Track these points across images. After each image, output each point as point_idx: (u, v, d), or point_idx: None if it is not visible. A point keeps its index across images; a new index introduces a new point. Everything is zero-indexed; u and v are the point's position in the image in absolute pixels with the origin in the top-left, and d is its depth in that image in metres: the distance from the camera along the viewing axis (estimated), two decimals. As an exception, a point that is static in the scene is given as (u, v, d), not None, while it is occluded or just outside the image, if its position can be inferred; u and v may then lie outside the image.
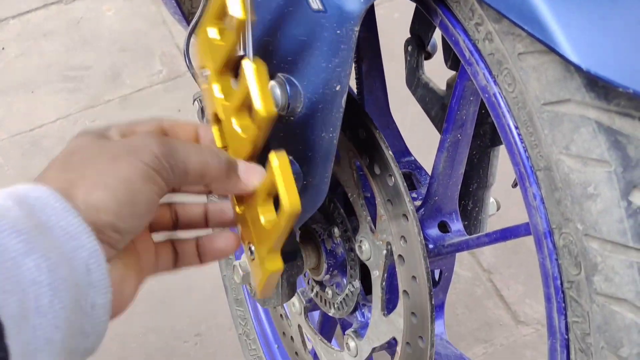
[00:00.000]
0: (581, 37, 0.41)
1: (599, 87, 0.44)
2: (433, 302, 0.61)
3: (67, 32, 1.78)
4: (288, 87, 0.59)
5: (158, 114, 1.58)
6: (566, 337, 0.50)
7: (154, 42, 1.73)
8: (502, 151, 0.80)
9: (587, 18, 0.41)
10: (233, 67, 0.56)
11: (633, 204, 0.43)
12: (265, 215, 0.55)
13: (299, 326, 0.87)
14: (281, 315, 0.92)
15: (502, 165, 0.82)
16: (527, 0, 0.42)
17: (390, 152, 0.63)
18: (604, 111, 0.44)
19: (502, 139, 0.53)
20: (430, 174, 0.75)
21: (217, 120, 0.58)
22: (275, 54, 0.59)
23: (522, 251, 1.21)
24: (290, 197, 0.52)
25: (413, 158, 0.79)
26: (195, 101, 0.89)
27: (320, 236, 0.76)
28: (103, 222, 0.44)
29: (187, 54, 0.75)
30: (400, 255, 0.64)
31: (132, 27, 1.77)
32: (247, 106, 0.54)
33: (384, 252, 0.66)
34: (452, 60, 0.80)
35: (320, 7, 0.55)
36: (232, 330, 1.14)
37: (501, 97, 0.51)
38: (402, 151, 0.79)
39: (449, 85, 0.84)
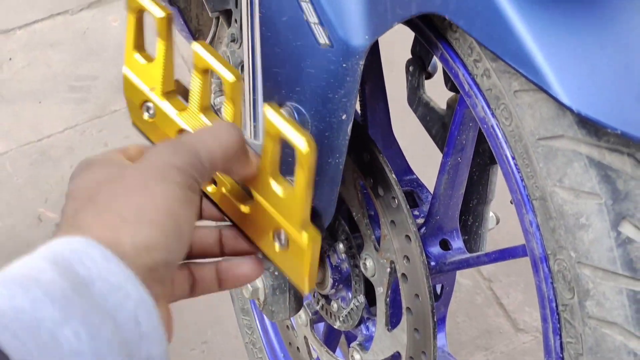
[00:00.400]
0: (572, 80, 0.44)
1: (589, 124, 0.47)
2: (435, 320, 0.64)
3: (73, 43, 1.81)
4: (296, 115, 0.62)
5: (164, 124, 1.61)
6: (561, 356, 0.53)
7: (159, 52, 1.75)
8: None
9: (577, 62, 0.44)
10: None
11: (622, 234, 0.46)
12: (282, 185, 0.52)
13: (305, 337, 0.90)
14: (287, 326, 0.95)
15: (500, 180, 0.85)
16: (522, 46, 0.45)
17: (394, 176, 0.66)
18: (595, 147, 0.47)
19: (500, 167, 0.56)
20: (431, 192, 0.78)
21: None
22: (284, 83, 0.62)
23: (520, 260, 1.24)
24: (303, 136, 0.50)
25: (415, 176, 0.82)
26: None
27: (325, 252, 0.79)
28: (156, 261, 0.42)
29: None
30: (403, 274, 0.67)
31: (137, 38, 1.79)
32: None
33: (388, 270, 0.69)
34: (452, 83, 0.83)
35: (327, 42, 0.57)
36: (238, 338, 1.17)
37: (499, 129, 0.54)
38: (404, 169, 0.82)
39: (448, 105, 0.87)
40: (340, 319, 0.81)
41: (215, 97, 0.88)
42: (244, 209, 0.54)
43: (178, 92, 0.58)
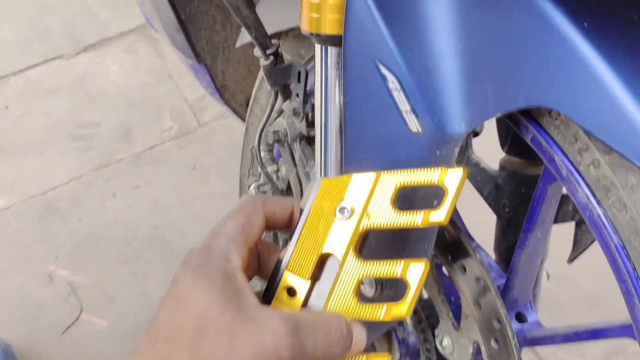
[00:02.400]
0: None
1: None
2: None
3: (71, 89, 1.77)
4: (383, 202, 0.60)
5: (172, 172, 1.58)
6: None
7: (162, 97, 1.72)
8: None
9: None
10: None
11: None
12: None
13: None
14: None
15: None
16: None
17: (478, 256, 0.64)
18: None
19: (605, 254, 0.55)
20: (490, 255, 0.77)
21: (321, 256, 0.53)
22: (371, 168, 0.60)
23: (548, 309, 1.24)
24: None
25: (476, 242, 0.81)
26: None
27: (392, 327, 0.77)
28: None
29: (258, 153, 0.76)
30: (491, 356, 0.65)
31: (139, 82, 1.76)
32: None
33: (471, 350, 0.67)
34: (510, 145, 0.83)
35: (420, 130, 0.56)
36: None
37: (606, 219, 0.53)
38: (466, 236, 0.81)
39: (502, 167, 0.86)
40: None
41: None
42: None
43: None
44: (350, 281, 0.52)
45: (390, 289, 0.63)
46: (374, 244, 0.60)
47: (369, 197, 0.52)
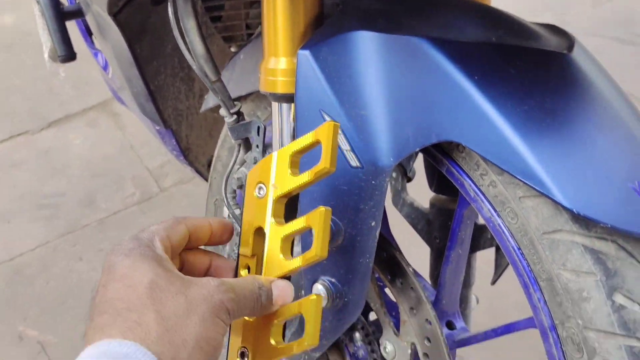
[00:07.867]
0: (569, 187, 0.59)
1: (581, 220, 0.61)
2: (458, 390, 0.75)
3: (36, 162, 1.87)
4: (332, 225, 0.73)
5: (136, 235, 1.68)
6: (574, 406, 0.65)
7: (124, 166, 1.84)
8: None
9: (571, 174, 0.59)
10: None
11: (616, 303, 0.60)
12: (276, 339, 0.62)
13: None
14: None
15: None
16: (528, 165, 0.60)
17: (411, 269, 0.78)
18: (587, 237, 0.61)
19: (506, 257, 0.69)
20: (423, 276, 0.91)
21: (256, 233, 0.65)
22: (319, 200, 0.74)
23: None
24: (314, 334, 0.61)
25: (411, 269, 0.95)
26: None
27: (342, 341, 0.89)
28: None
29: (226, 198, 0.89)
30: (425, 354, 0.78)
31: (101, 154, 1.88)
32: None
33: (409, 351, 0.80)
34: (437, 185, 0.98)
35: (358, 164, 0.71)
36: None
37: (505, 227, 0.67)
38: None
39: (432, 204, 1.02)
40: (359, 400, 0.90)
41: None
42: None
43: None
44: (276, 243, 0.63)
45: (340, 298, 0.76)
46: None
47: (274, 172, 0.64)
